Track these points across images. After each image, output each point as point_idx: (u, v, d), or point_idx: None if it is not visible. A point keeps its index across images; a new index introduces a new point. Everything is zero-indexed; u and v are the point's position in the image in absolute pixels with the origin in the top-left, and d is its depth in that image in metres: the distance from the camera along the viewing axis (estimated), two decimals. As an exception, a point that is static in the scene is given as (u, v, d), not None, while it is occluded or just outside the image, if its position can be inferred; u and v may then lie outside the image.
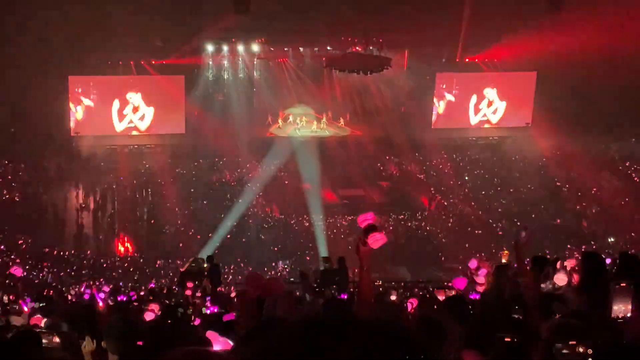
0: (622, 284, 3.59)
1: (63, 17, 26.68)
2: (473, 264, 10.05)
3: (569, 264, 7.11)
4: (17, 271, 10.97)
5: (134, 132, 32.65)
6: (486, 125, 34.96)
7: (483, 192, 31.93)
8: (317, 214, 29.14)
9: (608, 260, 7.61)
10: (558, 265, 6.78)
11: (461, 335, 3.88)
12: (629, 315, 3.53)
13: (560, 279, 6.23)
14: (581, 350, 2.92)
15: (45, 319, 7.27)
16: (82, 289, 16.73)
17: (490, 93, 34.53)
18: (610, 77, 29.02)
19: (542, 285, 6.22)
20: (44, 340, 3.81)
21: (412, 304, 8.89)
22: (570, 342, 2.96)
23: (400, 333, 1.27)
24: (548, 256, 6.59)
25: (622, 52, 27.90)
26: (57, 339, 3.81)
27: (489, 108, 34.70)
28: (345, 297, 12.45)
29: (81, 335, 5.18)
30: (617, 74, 28.89)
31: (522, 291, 5.96)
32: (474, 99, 34.54)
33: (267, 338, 1.31)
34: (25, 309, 10.47)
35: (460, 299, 5.74)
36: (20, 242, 27.37)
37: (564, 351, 2.92)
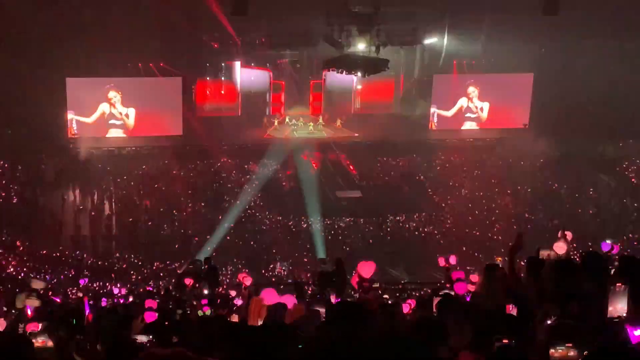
0: (617, 284, 3.59)
1: (61, 19, 26.67)
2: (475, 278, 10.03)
3: (569, 234, 7.10)
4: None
5: (132, 135, 32.63)
6: (483, 127, 34.96)
7: (480, 194, 31.93)
8: (315, 216, 29.13)
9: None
10: (559, 234, 6.74)
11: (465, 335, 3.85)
12: (624, 315, 3.52)
13: (560, 247, 6.19)
14: (572, 354, 2.91)
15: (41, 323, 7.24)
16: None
17: (488, 94, 34.54)
18: (608, 77, 29.12)
19: (541, 252, 6.19)
20: (39, 340, 3.79)
21: (410, 305, 8.88)
22: (567, 345, 2.95)
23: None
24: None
25: (620, 52, 28.00)
26: (50, 343, 3.80)
27: (485, 109, 34.70)
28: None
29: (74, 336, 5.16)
30: (615, 74, 29.00)
31: (520, 292, 5.93)
32: (471, 100, 34.55)
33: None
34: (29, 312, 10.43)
35: (455, 299, 5.72)
36: (18, 244, 27.32)
37: (557, 354, 2.91)
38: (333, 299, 11.34)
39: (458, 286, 8.17)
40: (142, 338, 5.02)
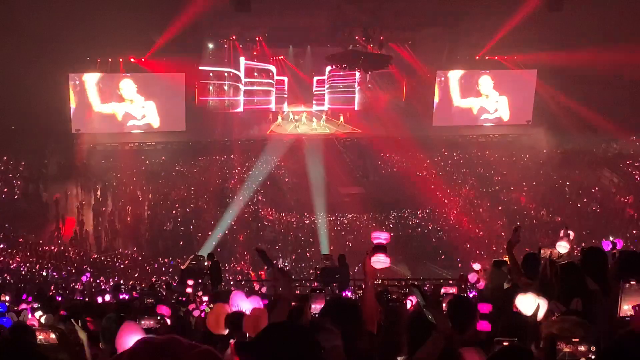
0: (631, 282, 3.48)
1: (64, 15, 26.66)
2: (477, 266, 10.00)
3: (572, 233, 7.03)
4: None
5: (135, 130, 32.66)
6: (487, 123, 34.93)
7: (484, 190, 31.89)
8: (318, 212, 29.11)
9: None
10: (562, 233, 6.67)
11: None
12: None
13: (563, 246, 6.14)
14: (583, 348, 2.88)
15: (44, 316, 7.25)
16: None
17: (491, 91, 34.49)
18: (611, 74, 29.03)
19: (543, 251, 6.15)
20: (40, 337, 3.79)
21: (411, 302, 8.85)
22: (574, 339, 2.92)
23: None
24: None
25: (623, 50, 27.89)
26: (53, 336, 3.79)
27: (489, 106, 34.66)
28: (349, 293, 12.45)
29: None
30: (618, 71, 28.90)
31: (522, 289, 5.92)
32: (474, 96, 34.50)
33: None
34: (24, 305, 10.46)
35: (465, 299, 5.69)
36: (21, 239, 27.36)
37: (566, 350, 2.88)
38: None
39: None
40: (148, 322, 5.01)
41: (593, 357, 2.82)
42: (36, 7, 25.97)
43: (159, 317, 5.55)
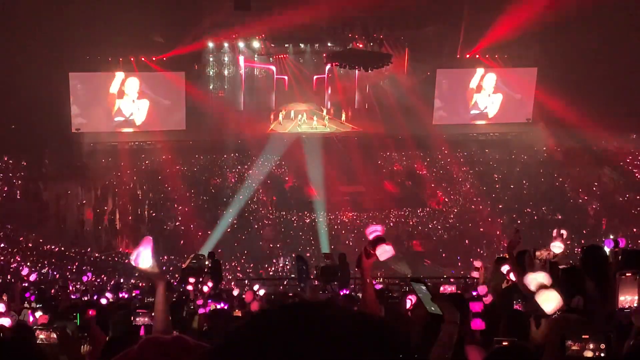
0: (627, 274, 3.55)
1: (64, 14, 26.67)
2: (478, 263, 10.03)
3: (565, 232, 7.01)
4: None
5: (135, 129, 32.67)
6: (487, 122, 34.92)
7: (484, 188, 31.88)
8: (319, 210, 29.11)
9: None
10: (555, 233, 6.66)
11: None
12: (635, 305, 3.50)
13: (557, 247, 6.14)
14: (592, 346, 2.88)
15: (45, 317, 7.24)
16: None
17: (491, 89, 34.47)
18: (611, 73, 29.03)
19: (538, 253, 6.14)
20: (41, 336, 3.79)
21: (411, 301, 8.83)
22: (583, 337, 2.92)
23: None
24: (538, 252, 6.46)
25: (622, 49, 27.91)
26: (54, 336, 3.79)
27: (489, 104, 34.64)
28: (347, 292, 12.45)
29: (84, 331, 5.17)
30: (617, 69, 28.91)
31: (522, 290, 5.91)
32: (474, 95, 34.49)
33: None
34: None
35: (461, 297, 5.69)
36: (21, 238, 27.35)
37: (575, 347, 2.88)
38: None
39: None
40: (143, 319, 5.01)
41: (603, 355, 2.82)
42: (36, 7, 25.98)
43: (154, 314, 5.55)
